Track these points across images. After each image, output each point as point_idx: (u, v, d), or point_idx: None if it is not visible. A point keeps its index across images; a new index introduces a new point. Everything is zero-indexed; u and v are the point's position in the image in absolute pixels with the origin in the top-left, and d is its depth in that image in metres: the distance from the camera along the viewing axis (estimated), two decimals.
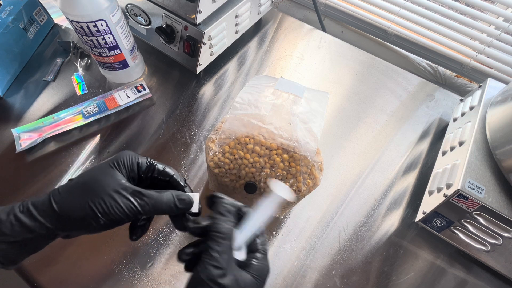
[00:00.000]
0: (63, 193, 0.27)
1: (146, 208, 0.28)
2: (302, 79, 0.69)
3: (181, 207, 0.29)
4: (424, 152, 0.60)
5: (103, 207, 0.26)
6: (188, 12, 0.56)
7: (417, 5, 0.71)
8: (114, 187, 0.27)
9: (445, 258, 0.50)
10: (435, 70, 0.78)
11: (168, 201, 0.29)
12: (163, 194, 0.29)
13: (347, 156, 0.59)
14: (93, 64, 0.68)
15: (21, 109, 0.61)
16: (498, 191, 0.43)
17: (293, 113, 0.42)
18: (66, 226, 0.26)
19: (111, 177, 0.28)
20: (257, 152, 0.42)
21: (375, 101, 0.66)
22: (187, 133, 0.59)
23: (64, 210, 0.26)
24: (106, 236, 0.48)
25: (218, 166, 0.43)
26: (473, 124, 0.50)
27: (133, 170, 0.30)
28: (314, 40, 0.75)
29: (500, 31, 0.65)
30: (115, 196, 0.27)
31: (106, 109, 0.60)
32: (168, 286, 0.45)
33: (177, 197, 0.29)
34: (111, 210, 0.26)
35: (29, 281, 0.45)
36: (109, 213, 0.26)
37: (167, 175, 0.31)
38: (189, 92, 0.65)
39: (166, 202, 0.29)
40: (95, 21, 0.51)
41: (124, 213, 0.27)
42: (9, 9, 0.63)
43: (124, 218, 0.27)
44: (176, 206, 0.29)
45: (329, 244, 0.50)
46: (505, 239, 0.43)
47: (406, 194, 0.55)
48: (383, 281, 0.47)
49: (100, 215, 0.26)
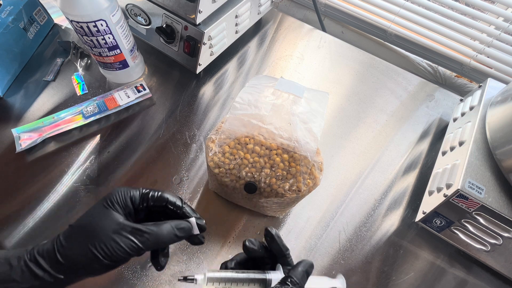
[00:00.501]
0: (64, 241, 0.27)
1: (148, 244, 0.28)
2: (302, 79, 0.69)
3: (181, 235, 0.30)
4: (424, 152, 0.60)
5: (104, 250, 0.26)
6: (188, 12, 0.56)
7: (417, 5, 0.71)
8: (112, 228, 0.27)
9: (445, 258, 0.50)
10: (435, 70, 0.78)
11: (168, 232, 0.29)
12: (162, 227, 0.29)
13: (347, 156, 0.59)
14: (93, 64, 0.68)
15: (21, 109, 0.61)
16: (498, 191, 0.43)
17: (293, 113, 0.42)
18: (72, 272, 0.27)
19: (108, 218, 0.28)
20: (257, 152, 0.42)
21: (375, 101, 0.66)
22: (187, 133, 0.59)
23: (68, 259, 0.27)
24: None
25: (218, 166, 0.43)
26: (473, 124, 0.50)
27: (128, 205, 0.29)
28: (314, 40, 0.75)
29: (500, 31, 0.65)
30: (115, 237, 0.27)
31: (106, 109, 0.60)
32: (168, 286, 0.45)
33: (176, 226, 0.29)
34: (113, 252, 0.27)
35: None
36: (111, 255, 0.27)
37: (162, 201, 0.31)
38: (189, 92, 0.65)
39: (166, 234, 0.29)
40: (95, 21, 0.51)
41: (126, 253, 0.27)
42: (9, 9, 0.63)
43: (127, 257, 0.27)
44: (177, 236, 0.29)
45: (329, 244, 0.50)
46: (505, 239, 0.43)
47: (406, 194, 0.55)
48: (383, 281, 0.47)
49: (103, 258, 0.26)
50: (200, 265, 0.47)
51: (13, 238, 0.47)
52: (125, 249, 0.27)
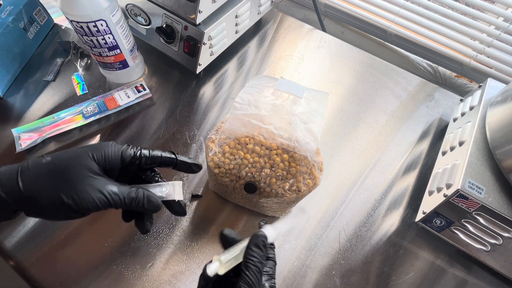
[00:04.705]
0: (32, 172, 0.26)
1: (119, 203, 0.28)
2: (302, 79, 0.69)
3: (148, 208, 0.29)
4: (424, 152, 0.60)
5: (74, 198, 0.25)
6: (188, 12, 0.56)
7: (417, 5, 0.71)
8: (88, 179, 0.26)
9: (445, 258, 0.50)
10: (435, 70, 0.78)
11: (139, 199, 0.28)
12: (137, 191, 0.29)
13: (347, 156, 0.59)
14: (93, 64, 0.68)
15: (21, 109, 0.61)
16: (498, 191, 0.43)
17: (293, 113, 0.42)
18: (29, 207, 0.26)
19: (87, 168, 0.27)
20: (257, 152, 0.42)
21: (375, 101, 0.66)
22: (187, 133, 0.59)
23: (30, 192, 0.25)
24: (106, 236, 0.48)
25: (218, 166, 0.43)
26: (473, 124, 0.50)
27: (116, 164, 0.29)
28: (314, 40, 0.75)
29: (500, 31, 0.65)
30: (88, 189, 0.26)
31: (106, 109, 0.60)
32: (168, 286, 0.45)
33: (147, 197, 0.29)
34: (82, 203, 0.26)
35: (29, 281, 0.45)
36: (79, 205, 0.26)
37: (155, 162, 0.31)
38: (189, 92, 0.65)
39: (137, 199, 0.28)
40: (95, 21, 0.51)
41: (95, 206, 0.26)
42: (9, 9, 0.63)
43: (93, 210, 0.27)
44: (144, 207, 0.29)
45: (329, 244, 0.50)
46: (505, 239, 0.43)
47: (406, 194, 0.55)
48: (383, 281, 0.47)
49: (70, 206, 0.26)
50: (200, 265, 0.47)
51: (13, 238, 0.47)
52: (95, 203, 0.26)
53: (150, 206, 0.29)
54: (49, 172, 0.26)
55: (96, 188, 0.26)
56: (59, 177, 0.26)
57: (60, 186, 0.26)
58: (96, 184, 0.27)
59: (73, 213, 0.26)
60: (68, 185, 0.26)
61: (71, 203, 0.26)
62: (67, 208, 0.26)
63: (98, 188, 0.27)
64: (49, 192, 0.26)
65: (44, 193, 0.25)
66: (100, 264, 0.46)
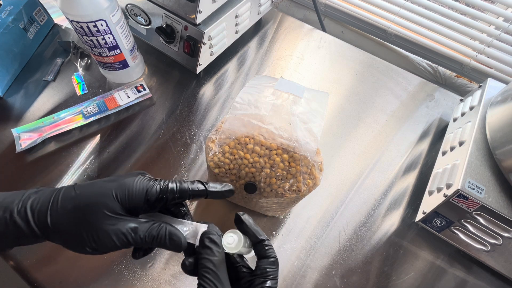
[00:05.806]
0: (60, 206, 0.27)
1: (139, 242, 0.27)
2: (302, 79, 0.69)
3: (170, 247, 0.28)
4: (424, 152, 0.60)
5: (94, 239, 0.26)
6: (188, 12, 0.56)
7: (417, 5, 0.71)
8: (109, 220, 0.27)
9: (445, 258, 0.50)
10: (435, 70, 0.78)
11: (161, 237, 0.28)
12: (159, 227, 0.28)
13: (347, 156, 0.59)
14: (93, 64, 0.68)
15: (21, 109, 0.61)
16: (498, 191, 0.43)
17: (293, 113, 0.42)
18: (55, 239, 0.27)
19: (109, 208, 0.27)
20: (257, 152, 0.42)
21: (375, 101, 0.66)
22: (187, 133, 0.59)
23: (56, 227, 0.26)
24: None
25: (218, 166, 0.43)
26: (473, 124, 0.50)
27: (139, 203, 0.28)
28: (314, 40, 0.75)
29: (500, 31, 0.65)
30: (108, 230, 0.26)
31: (106, 109, 0.60)
32: (168, 286, 0.45)
33: (169, 235, 0.28)
34: (102, 243, 0.26)
35: (29, 281, 0.45)
36: (99, 245, 0.26)
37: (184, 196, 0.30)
38: (189, 92, 0.65)
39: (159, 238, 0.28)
40: (95, 21, 0.51)
41: (114, 246, 0.27)
42: (9, 9, 0.63)
43: (112, 249, 0.27)
44: (166, 246, 0.28)
45: (329, 244, 0.50)
46: (505, 239, 0.43)
47: (406, 194, 0.55)
48: (383, 281, 0.47)
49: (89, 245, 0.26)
50: None
51: None
52: (115, 243, 0.27)
53: (173, 245, 0.28)
54: (73, 209, 0.27)
55: (117, 228, 0.27)
56: (81, 215, 0.27)
57: (83, 225, 0.26)
58: (117, 225, 0.27)
59: (94, 250, 0.27)
60: (89, 225, 0.26)
61: (92, 242, 0.26)
62: (88, 246, 0.27)
63: (119, 228, 0.27)
64: (73, 229, 0.26)
65: (68, 229, 0.26)
66: (100, 264, 0.46)
